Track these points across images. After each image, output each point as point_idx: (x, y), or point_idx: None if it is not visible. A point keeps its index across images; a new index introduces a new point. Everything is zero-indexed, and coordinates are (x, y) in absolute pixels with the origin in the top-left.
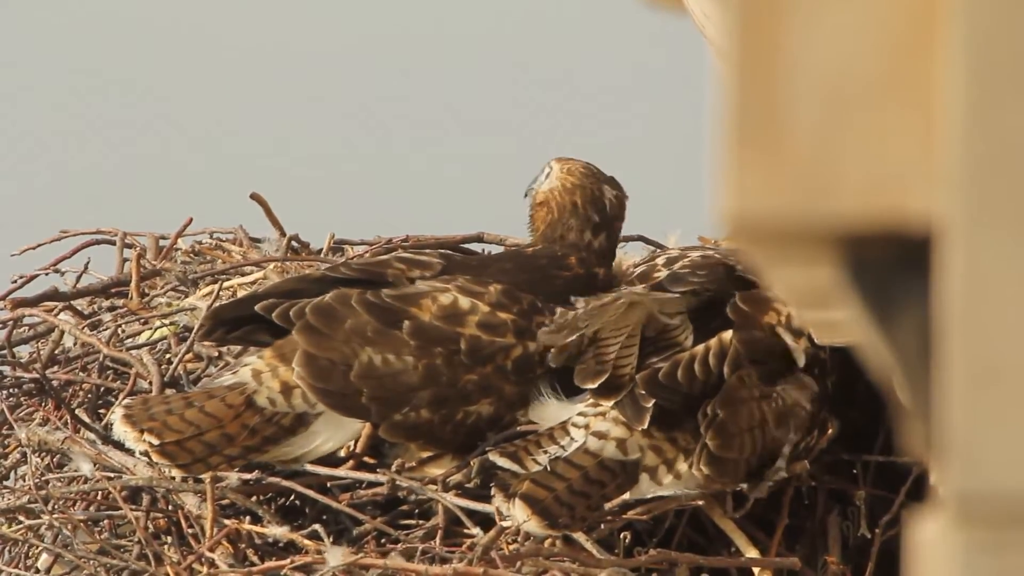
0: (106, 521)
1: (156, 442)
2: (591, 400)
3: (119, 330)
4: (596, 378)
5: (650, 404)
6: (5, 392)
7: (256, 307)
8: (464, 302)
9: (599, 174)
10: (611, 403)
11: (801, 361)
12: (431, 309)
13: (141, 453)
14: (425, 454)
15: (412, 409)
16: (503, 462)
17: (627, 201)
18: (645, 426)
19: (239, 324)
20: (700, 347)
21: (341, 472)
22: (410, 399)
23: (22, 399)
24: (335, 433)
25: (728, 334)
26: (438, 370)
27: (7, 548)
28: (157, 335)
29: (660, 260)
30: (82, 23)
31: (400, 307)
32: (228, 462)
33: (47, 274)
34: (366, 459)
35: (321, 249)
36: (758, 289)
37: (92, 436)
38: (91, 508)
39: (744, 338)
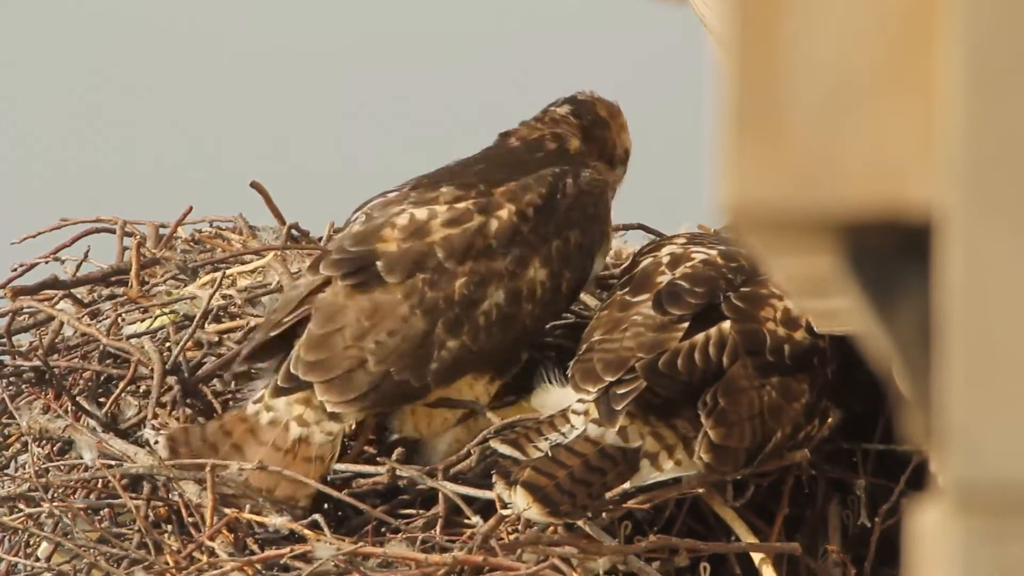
0: (106, 510)
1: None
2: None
3: (119, 319)
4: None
5: (622, 407)
6: (5, 381)
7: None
8: (420, 213)
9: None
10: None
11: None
12: (393, 235)
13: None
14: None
15: (441, 350)
16: (504, 449)
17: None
18: (616, 429)
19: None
20: (700, 336)
21: (341, 466)
22: (434, 345)
23: (23, 387)
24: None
25: (727, 324)
26: (432, 301)
27: (7, 537)
28: (157, 323)
29: (664, 256)
30: (82, 23)
31: (365, 250)
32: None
33: (47, 262)
34: (367, 448)
35: (321, 237)
36: (753, 287)
37: (93, 424)
38: (91, 496)
39: (742, 329)
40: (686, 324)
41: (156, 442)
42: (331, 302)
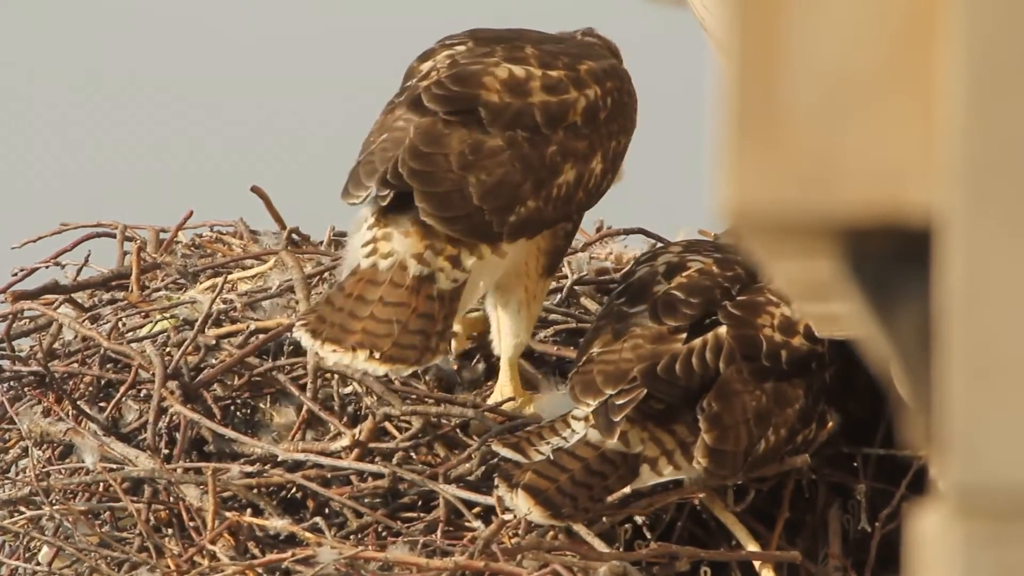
0: (107, 513)
1: (377, 354)
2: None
3: (119, 323)
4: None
5: (620, 418)
6: (5, 385)
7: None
8: (518, 71)
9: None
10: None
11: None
12: (495, 86)
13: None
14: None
15: (521, 205)
16: (506, 452)
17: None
18: (615, 440)
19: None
20: (697, 341)
21: (344, 463)
22: (520, 199)
23: (23, 391)
24: (483, 278)
25: (723, 329)
26: (529, 157)
27: (8, 541)
28: (157, 328)
29: (661, 265)
30: (82, 22)
31: (468, 92)
32: (441, 339)
33: (47, 267)
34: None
35: (321, 241)
36: (750, 295)
37: (94, 427)
38: (92, 500)
39: (738, 334)
40: (684, 335)
41: (300, 336)
42: (429, 128)
